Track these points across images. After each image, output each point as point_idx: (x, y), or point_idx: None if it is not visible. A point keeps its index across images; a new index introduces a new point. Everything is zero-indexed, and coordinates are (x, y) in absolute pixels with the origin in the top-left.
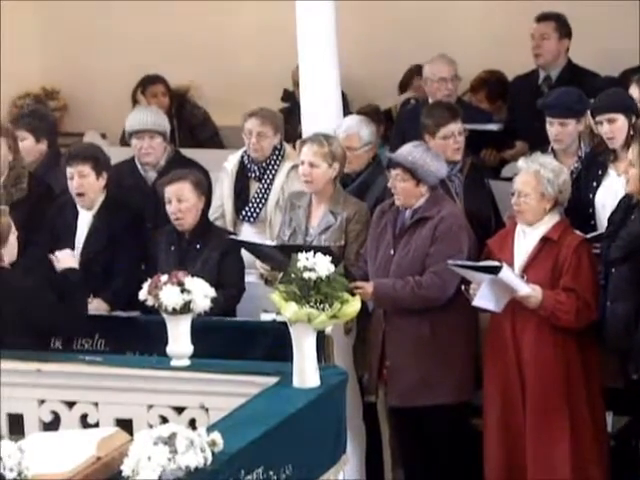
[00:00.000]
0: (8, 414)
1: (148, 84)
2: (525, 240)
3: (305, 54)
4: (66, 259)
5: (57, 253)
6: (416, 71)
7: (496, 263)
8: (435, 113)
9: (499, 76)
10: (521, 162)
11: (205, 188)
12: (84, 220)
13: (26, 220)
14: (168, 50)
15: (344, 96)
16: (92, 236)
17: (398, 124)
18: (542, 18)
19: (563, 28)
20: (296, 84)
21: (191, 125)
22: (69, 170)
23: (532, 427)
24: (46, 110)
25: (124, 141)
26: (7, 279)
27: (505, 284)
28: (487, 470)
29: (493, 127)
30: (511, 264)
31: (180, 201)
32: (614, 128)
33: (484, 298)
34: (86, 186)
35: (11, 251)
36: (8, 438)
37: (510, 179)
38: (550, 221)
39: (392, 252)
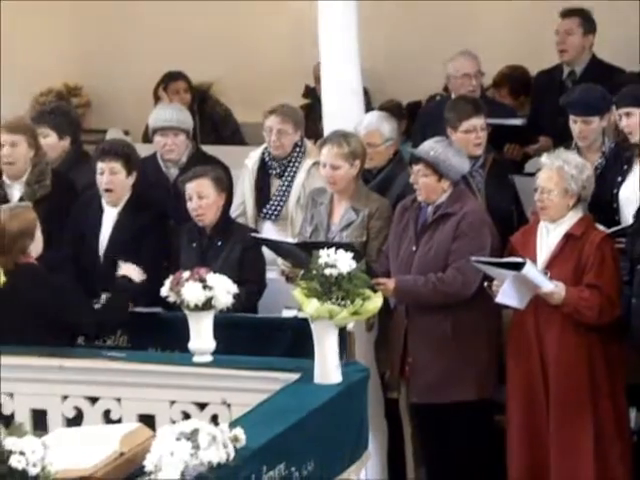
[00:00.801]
0: (32, 410)
1: (170, 81)
2: (548, 237)
3: (327, 50)
4: (131, 270)
5: (126, 264)
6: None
7: (519, 259)
8: (458, 107)
9: (522, 71)
10: (544, 158)
11: (225, 185)
12: (109, 217)
13: (49, 217)
14: (190, 47)
15: (366, 92)
16: (116, 233)
17: (420, 120)
18: (567, 14)
19: (588, 23)
20: (317, 80)
21: (213, 122)
22: (100, 165)
23: (555, 424)
24: (69, 107)
25: (147, 137)
26: (36, 274)
27: (528, 280)
28: (510, 468)
29: (516, 122)
30: (534, 261)
31: (200, 198)
32: (631, 122)
33: (507, 295)
34: (115, 182)
35: (38, 246)
36: (32, 434)
37: (533, 174)
38: (573, 217)
39: (414, 248)
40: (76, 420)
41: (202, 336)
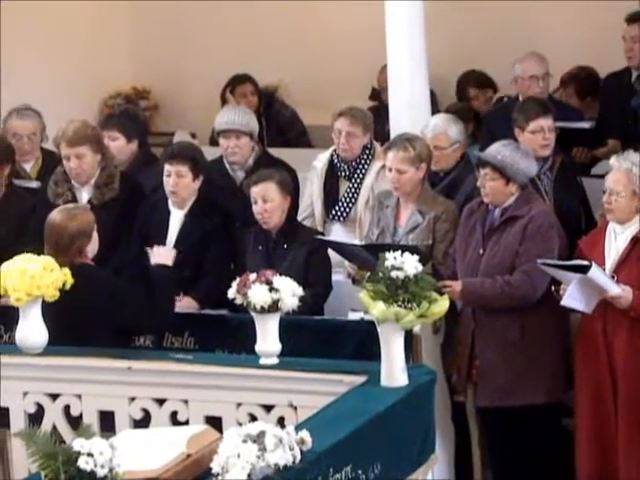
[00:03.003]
0: (99, 411)
1: (237, 84)
2: (616, 240)
3: (394, 53)
4: (163, 255)
5: (155, 247)
6: (465, 81)
7: (585, 262)
8: (526, 107)
9: (590, 72)
10: (613, 160)
11: (291, 188)
12: (176, 219)
13: (117, 219)
14: (257, 50)
15: (433, 95)
16: (183, 235)
17: (488, 122)
18: (632, 19)
19: None
20: (381, 87)
21: (279, 124)
22: (167, 168)
23: (624, 428)
24: (137, 110)
25: (213, 140)
26: (94, 274)
27: (594, 284)
28: (579, 472)
29: (585, 125)
30: (602, 264)
31: (265, 201)
32: None
33: (572, 298)
34: (181, 186)
35: (94, 247)
36: (99, 435)
37: (602, 176)
38: None
39: (481, 251)
40: (143, 422)
41: (268, 338)
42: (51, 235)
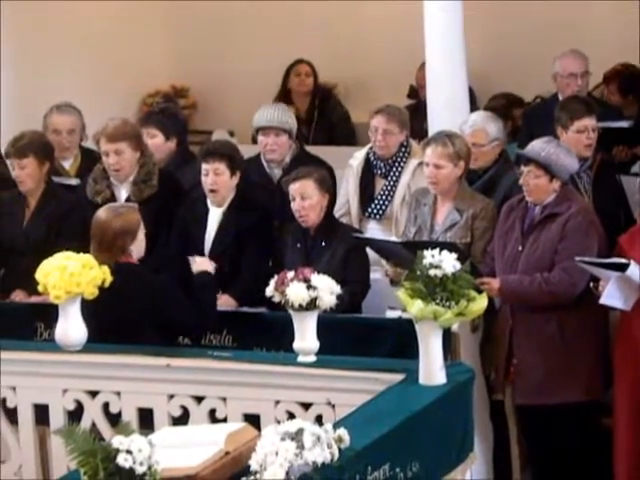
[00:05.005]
0: (138, 408)
1: (295, 64)
2: None
3: (432, 51)
4: (203, 264)
5: (197, 258)
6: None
7: (623, 260)
8: (570, 106)
9: (633, 69)
10: None
11: (329, 185)
12: (214, 217)
13: (156, 216)
14: (296, 47)
15: (471, 92)
16: (221, 233)
17: (527, 121)
18: None
19: None
20: (420, 85)
21: (332, 120)
22: (204, 166)
23: None
24: (176, 109)
25: (255, 138)
26: (137, 274)
27: (633, 281)
28: (617, 471)
29: (624, 124)
30: None
31: (304, 199)
32: None
33: (611, 296)
34: (219, 183)
35: (139, 247)
36: (138, 432)
37: None
38: None
39: (520, 248)
40: (182, 419)
41: (306, 336)
42: (96, 232)
